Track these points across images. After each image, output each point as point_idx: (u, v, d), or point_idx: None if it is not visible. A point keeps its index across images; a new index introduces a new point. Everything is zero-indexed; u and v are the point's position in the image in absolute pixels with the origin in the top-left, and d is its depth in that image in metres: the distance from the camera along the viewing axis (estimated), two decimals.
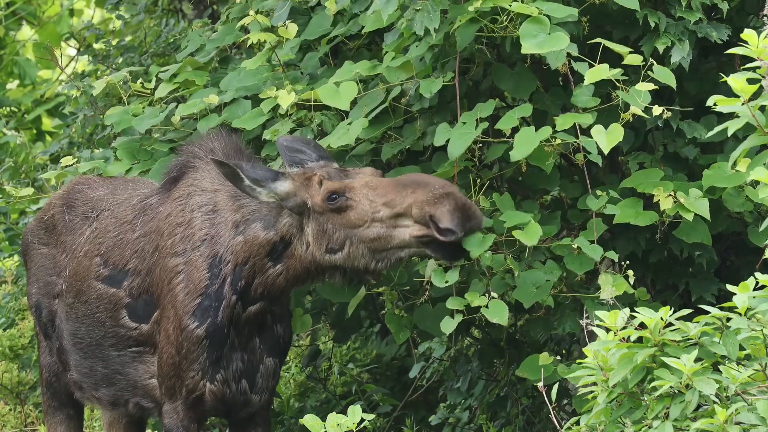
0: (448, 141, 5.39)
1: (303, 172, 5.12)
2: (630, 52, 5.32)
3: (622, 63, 5.34)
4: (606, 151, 5.23)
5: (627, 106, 5.33)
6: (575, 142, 5.34)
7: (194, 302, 5.19)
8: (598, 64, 5.34)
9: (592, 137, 5.29)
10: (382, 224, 4.94)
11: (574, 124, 5.33)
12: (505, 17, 5.31)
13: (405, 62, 5.55)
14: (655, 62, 5.37)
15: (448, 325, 5.37)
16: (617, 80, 5.31)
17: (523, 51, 5.22)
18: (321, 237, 5.04)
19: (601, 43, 5.34)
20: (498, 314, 5.30)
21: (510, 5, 5.23)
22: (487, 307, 5.31)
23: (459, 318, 5.36)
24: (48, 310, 5.76)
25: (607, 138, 5.23)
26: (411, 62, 5.55)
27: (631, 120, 5.32)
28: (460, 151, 5.35)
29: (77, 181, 5.88)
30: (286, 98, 5.71)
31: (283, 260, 5.12)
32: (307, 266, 5.10)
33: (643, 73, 5.35)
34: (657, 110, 5.27)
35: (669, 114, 5.32)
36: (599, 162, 5.36)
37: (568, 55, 5.33)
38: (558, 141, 5.37)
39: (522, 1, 5.28)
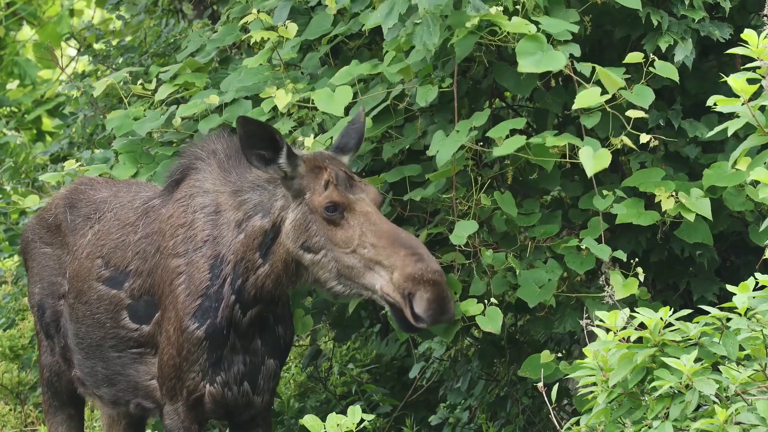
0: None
1: (313, 159, 5.10)
2: (624, 36, 5.30)
3: (623, 62, 5.33)
4: (590, 175, 5.22)
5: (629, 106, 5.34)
6: (579, 144, 5.35)
7: (195, 303, 5.19)
8: (601, 63, 5.33)
9: (591, 134, 5.30)
10: (360, 259, 4.94)
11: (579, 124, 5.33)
12: (504, 31, 5.29)
13: (404, 69, 5.54)
14: (656, 58, 5.37)
15: (449, 334, 5.41)
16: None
17: (520, 69, 5.21)
18: (301, 231, 5.03)
19: (601, 43, 5.33)
20: (492, 322, 5.31)
21: (506, 23, 5.20)
22: (483, 314, 5.31)
23: (458, 326, 5.39)
24: (52, 311, 5.75)
25: (594, 162, 5.23)
26: (410, 68, 5.53)
27: (619, 147, 5.32)
28: (446, 157, 5.34)
29: (80, 182, 5.88)
30: (282, 99, 5.71)
31: (269, 257, 5.10)
32: (286, 260, 5.08)
33: (645, 69, 5.34)
34: (644, 138, 5.29)
35: (656, 143, 5.34)
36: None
37: (571, 56, 5.32)
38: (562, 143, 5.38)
39: (521, 14, 5.26)
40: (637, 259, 5.43)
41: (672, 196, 5.39)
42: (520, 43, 5.20)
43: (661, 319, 4.17)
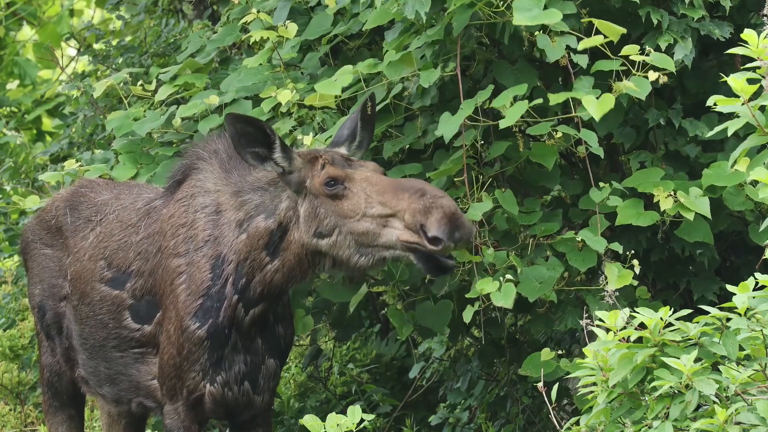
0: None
1: (309, 152, 5.14)
2: (623, 35, 5.31)
3: (620, 54, 5.33)
4: (597, 118, 5.21)
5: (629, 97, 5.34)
6: (575, 135, 5.35)
7: (196, 303, 5.19)
8: (598, 58, 5.33)
9: (591, 131, 5.30)
10: (372, 220, 4.97)
11: (577, 117, 5.32)
12: (501, 1, 5.30)
13: (406, 55, 5.55)
14: (651, 50, 5.36)
15: (468, 314, 5.44)
16: (620, 70, 5.32)
17: (515, 23, 5.21)
18: (312, 219, 5.06)
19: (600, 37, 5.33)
20: (506, 298, 5.31)
21: None
22: (499, 290, 5.32)
23: (477, 306, 5.40)
24: (53, 312, 5.75)
25: (598, 106, 5.22)
26: (412, 55, 5.54)
27: (623, 92, 5.31)
28: (451, 132, 5.35)
29: (81, 184, 5.87)
30: (285, 95, 5.72)
31: (279, 254, 5.12)
32: (299, 254, 5.09)
33: (641, 62, 5.34)
34: (653, 75, 5.27)
35: (665, 79, 5.32)
36: (601, 154, 5.36)
37: (568, 47, 5.33)
38: (559, 134, 5.38)
39: None
40: (633, 251, 5.43)
41: (671, 195, 5.39)
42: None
43: (661, 319, 4.17)
